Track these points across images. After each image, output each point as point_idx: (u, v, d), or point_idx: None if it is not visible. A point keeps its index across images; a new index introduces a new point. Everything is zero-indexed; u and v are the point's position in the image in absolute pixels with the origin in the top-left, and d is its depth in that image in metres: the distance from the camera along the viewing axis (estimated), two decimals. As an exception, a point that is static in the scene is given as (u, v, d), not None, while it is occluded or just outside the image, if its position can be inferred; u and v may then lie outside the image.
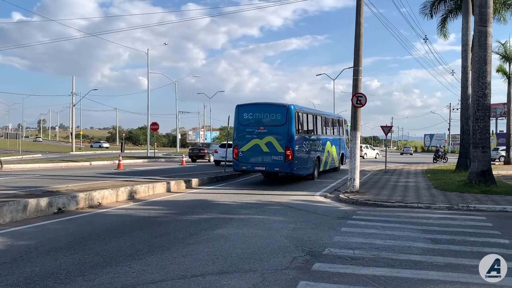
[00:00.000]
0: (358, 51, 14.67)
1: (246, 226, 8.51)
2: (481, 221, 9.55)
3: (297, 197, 13.28)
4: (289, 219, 9.44)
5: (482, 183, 14.55)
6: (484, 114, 14.92)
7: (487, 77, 14.90)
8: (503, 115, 64.88)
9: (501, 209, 10.97)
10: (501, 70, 35.36)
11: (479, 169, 14.92)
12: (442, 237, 7.67)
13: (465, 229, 8.55)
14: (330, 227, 8.60)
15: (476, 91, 15.20)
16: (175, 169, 23.65)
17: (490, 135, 16.28)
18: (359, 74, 14.67)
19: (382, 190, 14.78)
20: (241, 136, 17.10)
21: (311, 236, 7.66)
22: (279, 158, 16.46)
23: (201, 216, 9.63)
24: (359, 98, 14.51)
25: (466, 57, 22.79)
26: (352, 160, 14.60)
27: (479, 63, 15.01)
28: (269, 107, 17.48)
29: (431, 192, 14.16)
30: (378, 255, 6.40)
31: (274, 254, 6.36)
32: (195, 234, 7.68)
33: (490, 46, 15.20)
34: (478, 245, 7.12)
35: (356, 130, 14.69)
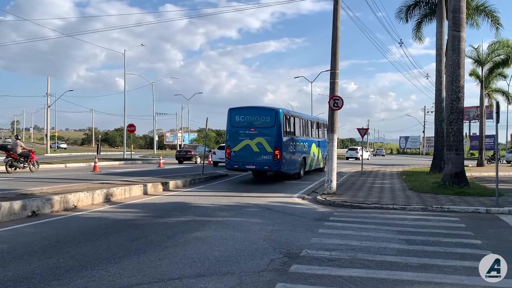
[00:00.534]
0: (335, 54, 14.82)
1: (224, 228, 8.50)
2: (455, 222, 9.74)
3: (275, 199, 13.32)
4: (267, 221, 9.46)
5: (455, 184, 14.85)
6: (458, 117, 15.24)
7: (461, 81, 15.22)
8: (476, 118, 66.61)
9: (474, 210, 11.22)
10: (474, 74, 36.26)
11: (453, 171, 15.23)
12: (416, 238, 7.80)
13: (439, 230, 8.72)
14: (308, 228, 8.65)
15: (450, 95, 15.52)
16: (153, 172, 23.44)
17: (463, 138, 16.63)
18: (336, 77, 14.83)
19: (358, 192, 14.95)
20: (233, 137, 18.40)
21: (288, 237, 7.70)
22: (268, 158, 17.80)
23: (179, 219, 9.57)
24: (336, 101, 14.65)
25: (440, 61, 23.26)
26: (329, 162, 14.72)
27: (453, 67, 15.33)
28: (259, 110, 18.93)
29: (406, 194, 14.39)
30: (355, 256, 6.47)
31: (252, 256, 6.38)
32: (172, 237, 7.63)
33: (463, 51, 15.54)
34: (452, 245, 7.27)
35: (333, 132, 14.83)
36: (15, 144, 21.32)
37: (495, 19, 26.68)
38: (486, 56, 34.70)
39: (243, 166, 18.64)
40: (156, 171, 24.29)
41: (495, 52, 34.13)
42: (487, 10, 26.54)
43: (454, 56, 15.30)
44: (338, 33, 14.92)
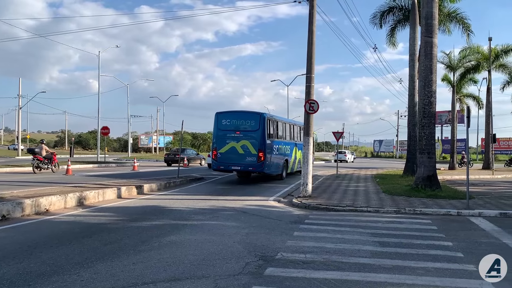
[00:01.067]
0: (310, 59, 14.95)
1: (199, 232, 8.47)
2: (427, 224, 9.94)
3: (251, 202, 13.33)
4: (243, 224, 9.46)
5: (428, 187, 15.16)
6: (430, 122, 15.57)
7: (433, 86, 15.57)
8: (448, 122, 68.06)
9: (445, 213, 11.46)
10: (446, 79, 37.12)
11: (425, 174, 15.54)
12: (390, 240, 7.93)
13: (412, 232, 8.88)
14: (283, 231, 8.69)
15: (422, 99, 15.85)
16: (127, 175, 23.17)
17: (435, 142, 16.99)
18: (312, 81, 14.95)
19: (333, 195, 15.10)
20: (219, 139, 19.51)
21: (264, 241, 7.72)
22: (252, 159, 18.89)
23: (153, 223, 9.49)
24: (311, 105, 14.78)
25: (413, 66, 23.75)
26: (305, 165, 14.82)
27: (425, 72, 15.66)
28: (244, 115, 20.00)
29: (380, 197, 14.61)
30: (329, 258, 6.54)
31: (227, 260, 6.37)
32: (146, 241, 7.56)
33: (435, 56, 15.90)
34: (424, 247, 7.41)
35: (309, 135, 14.94)
36: (40, 148, 23.89)
37: (466, 26, 27.42)
38: (457, 61, 35.58)
39: (228, 167, 19.58)
40: (130, 174, 24.02)
41: (466, 58, 35.05)
42: (459, 17, 27.26)
43: (426, 62, 15.63)
44: (314, 38, 15.06)
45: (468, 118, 12.10)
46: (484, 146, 39.48)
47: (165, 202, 13.04)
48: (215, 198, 14.12)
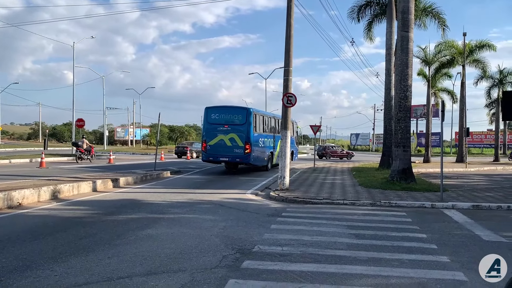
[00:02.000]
0: (288, 52, 14.97)
1: (176, 225, 8.43)
2: (402, 216, 10.11)
3: (229, 195, 13.33)
4: (220, 217, 9.46)
5: (403, 180, 15.41)
6: (405, 115, 15.80)
7: (408, 80, 15.78)
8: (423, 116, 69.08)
9: (419, 205, 11.68)
10: (422, 73, 37.64)
11: (400, 167, 15.79)
12: (365, 233, 8.03)
13: (387, 224, 9.02)
14: (260, 224, 8.72)
15: (398, 93, 16.06)
16: (103, 168, 22.87)
17: (410, 135, 17.25)
18: (290, 74, 14.99)
19: (310, 188, 15.21)
20: (209, 133, 20.86)
21: (241, 234, 7.73)
22: (239, 151, 20.31)
23: (129, 216, 9.41)
24: (289, 98, 14.81)
25: (389, 60, 24.00)
26: (282, 158, 14.87)
27: (401, 67, 15.87)
28: (232, 109, 21.52)
29: (356, 189, 14.78)
30: (306, 251, 6.59)
31: (204, 253, 6.36)
32: (122, 234, 7.49)
33: (411, 51, 16.11)
34: (399, 239, 7.54)
35: (286, 129, 14.99)
36: (82, 142, 28.49)
37: (442, 21, 27.85)
38: (433, 56, 36.13)
39: (217, 158, 21.01)
40: (106, 167, 23.71)
41: (441, 53, 35.61)
42: (434, 12, 27.67)
43: (402, 56, 15.84)
44: (292, 31, 15.07)
45: (443, 112, 12.32)
46: (458, 140, 40.28)
47: (142, 196, 12.93)
48: (192, 192, 14.07)
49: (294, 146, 29.16)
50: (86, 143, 28.66)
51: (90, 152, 28.74)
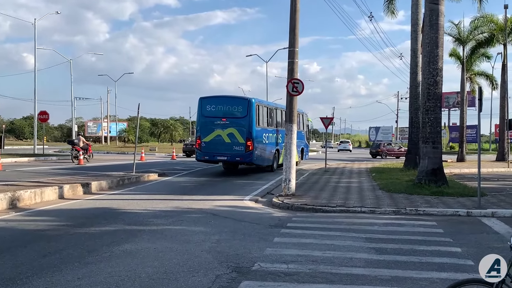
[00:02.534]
0: (294, 29, 14.95)
1: (160, 239, 8.44)
2: (431, 227, 10.13)
3: (223, 203, 13.35)
4: (213, 229, 9.47)
5: (432, 183, 15.41)
6: (435, 105, 15.80)
7: (439, 62, 15.78)
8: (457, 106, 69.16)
9: (453, 213, 11.69)
10: (455, 54, 37.56)
11: (429, 167, 15.79)
12: (387, 247, 8.04)
13: (414, 236, 9.03)
14: (261, 237, 8.73)
15: (426, 78, 16.05)
16: (71, 170, 22.87)
17: (441, 129, 17.26)
18: (295, 56, 14.97)
19: (321, 193, 15.23)
20: (204, 127, 21.32)
21: (238, 249, 7.74)
22: (240, 149, 20.61)
23: (103, 229, 9.41)
24: (295, 85, 14.80)
25: (416, 39, 24.00)
26: (287, 158, 14.88)
27: (430, 46, 15.85)
28: (231, 100, 22.09)
29: (376, 194, 14.80)
30: (316, 269, 6.60)
31: (194, 272, 6.37)
32: (95, 250, 7.49)
33: (442, 27, 16.10)
34: (428, 254, 7.55)
35: (292, 122, 14.98)
36: (78, 139, 30.23)
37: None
38: (468, 33, 36.04)
39: (214, 158, 21.52)
40: (75, 169, 23.72)
41: (478, 29, 35.49)
42: (469, -20, 27.60)
43: (431, 33, 15.82)
44: (298, 4, 15.06)
45: (480, 101, 12.30)
46: (499, 134, 40.24)
47: (119, 203, 12.94)
48: (179, 198, 14.09)
49: (304, 143, 29.84)
50: (82, 141, 30.42)
51: (88, 150, 30.60)
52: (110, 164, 28.69)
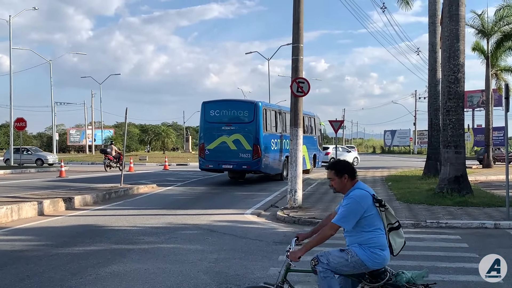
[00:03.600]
0: (298, 23, 14.99)
1: (151, 259, 8.45)
2: (455, 241, 10.13)
3: (221, 217, 13.38)
4: (210, 247, 9.49)
5: (455, 192, 15.39)
6: (457, 105, 15.79)
7: (460, 57, 15.78)
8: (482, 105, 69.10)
9: (478, 225, 11.69)
10: (478, 48, 37.45)
11: (452, 174, 15.77)
12: (406, 264, 7.99)
13: (435, 252, 9.03)
14: (264, 255, 8.75)
15: (446, 75, 16.06)
16: (52, 183, 22.90)
17: (464, 131, 17.25)
18: (300, 52, 15.01)
19: (331, 204, 15.20)
20: (207, 133, 22.19)
21: (239, 269, 7.75)
22: (246, 156, 21.29)
23: (88, 248, 9.43)
24: (300, 85, 14.83)
25: (434, 32, 24.02)
26: (292, 166, 14.88)
27: (450, 40, 15.87)
28: (236, 104, 23.07)
29: (393, 205, 14.74)
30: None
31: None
32: (78, 273, 7.50)
33: (463, 18, 16.12)
34: (451, 272, 7.56)
35: (297, 126, 15.00)
36: (111, 149, 34.24)
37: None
38: (492, 25, 35.98)
39: (219, 166, 22.18)
40: (56, 182, 23.74)
41: (503, 20, 35.41)
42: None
43: (451, 25, 15.84)
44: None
45: (507, 100, 12.29)
46: (529, 136, 40.21)
47: (105, 220, 12.97)
48: (173, 213, 14.11)
49: (316, 148, 31.09)
50: (115, 150, 34.29)
51: (119, 159, 32.64)
52: (95, 176, 28.72)
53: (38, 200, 14.52)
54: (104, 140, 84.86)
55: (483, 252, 8.92)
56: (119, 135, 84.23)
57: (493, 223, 11.74)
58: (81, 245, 9.70)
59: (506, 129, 12.39)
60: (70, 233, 11.12)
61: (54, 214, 13.98)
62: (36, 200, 14.52)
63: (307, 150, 28.21)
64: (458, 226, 11.67)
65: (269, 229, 11.81)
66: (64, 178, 26.57)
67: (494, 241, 10.13)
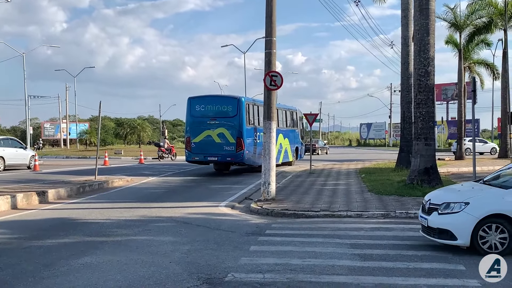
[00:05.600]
0: (270, 16, 15.11)
1: (124, 251, 8.57)
2: (422, 230, 10.39)
3: (196, 210, 13.49)
4: (183, 239, 9.63)
5: (425, 183, 15.70)
6: (427, 97, 16.08)
7: (430, 51, 16.06)
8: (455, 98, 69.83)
9: (446, 215, 11.96)
10: (452, 41, 37.91)
11: (422, 166, 16.08)
12: (373, 252, 8.28)
13: (403, 241, 9.30)
14: (236, 246, 8.91)
15: (417, 69, 16.35)
16: (25, 177, 22.76)
17: (434, 124, 17.56)
18: (273, 46, 15.14)
19: (304, 196, 15.44)
20: (193, 127, 23.53)
21: (210, 259, 7.91)
22: (230, 149, 22.49)
23: (61, 241, 9.50)
24: (273, 78, 14.98)
25: (406, 25, 24.35)
26: (266, 159, 15.03)
27: (420, 33, 16.15)
28: (220, 99, 24.79)
29: (364, 197, 15.06)
30: (294, 278, 6.80)
31: (160, 285, 6.52)
32: (51, 264, 7.60)
33: (433, 12, 16.40)
34: (417, 260, 7.81)
35: (270, 119, 15.15)
36: (163, 142, 40.65)
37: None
38: (465, 18, 36.47)
39: (204, 158, 23.49)
40: (30, 176, 23.60)
41: (475, 14, 35.92)
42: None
43: (421, 19, 16.11)
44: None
45: (474, 92, 12.65)
46: (501, 129, 40.77)
47: (79, 213, 13.01)
48: (147, 206, 14.17)
49: (298, 141, 32.44)
50: (167, 143, 41.31)
51: (171, 151, 39.95)
52: (70, 169, 28.54)
53: (11, 193, 14.48)
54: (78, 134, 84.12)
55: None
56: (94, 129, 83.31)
57: (460, 213, 12.04)
58: (54, 237, 9.77)
59: (473, 120, 12.75)
60: (43, 226, 11.17)
61: (27, 208, 13.96)
62: (9, 193, 14.47)
63: (290, 143, 29.76)
64: (427, 216, 11.96)
65: (242, 220, 11.97)
66: (38, 172, 26.41)
67: (460, 230, 10.38)
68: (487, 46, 40.34)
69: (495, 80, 43.30)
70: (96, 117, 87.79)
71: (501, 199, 8.23)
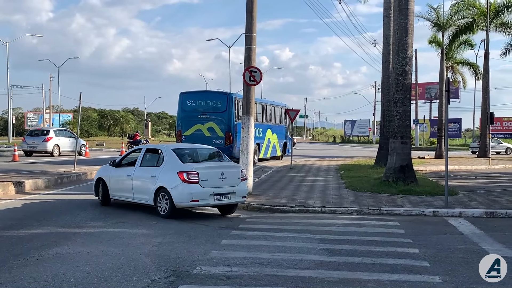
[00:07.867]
0: (251, 12, 15.20)
1: (95, 242, 8.64)
2: (393, 227, 10.59)
3: (171, 203, 13.54)
4: (156, 231, 9.73)
5: (400, 181, 15.88)
6: (404, 96, 16.26)
7: (408, 51, 16.23)
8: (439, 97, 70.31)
9: (418, 213, 12.20)
10: (435, 41, 38.19)
11: (398, 164, 16.26)
12: (342, 248, 8.41)
13: (372, 237, 9.45)
14: (208, 239, 9.02)
15: (395, 68, 16.54)
16: (4, 167, 22.65)
17: (410, 122, 17.76)
18: (253, 42, 15.22)
19: (282, 192, 15.56)
20: (184, 121, 24.50)
21: (180, 252, 8.00)
22: (219, 142, 22.96)
23: (34, 231, 9.56)
24: (252, 74, 15.05)
25: (388, 24, 24.46)
26: (244, 153, 15.13)
27: (399, 33, 16.31)
28: (211, 95, 26.01)
29: (341, 193, 15.22)
30: (261, 271, 6.90)
31: (128, 277, 6.59)
32: (21, 254, 7.66)
33: (412, 12, 16.56)
34: (383, 256, 7.96)
35: (249, 114, 15.20)
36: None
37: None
38: (448, 18, 36.77)
39: None
40: (8, 166, 23.49)
41: (458, 14, 36.22)
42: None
43: (400, 19, 16.27)
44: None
45: (448, 93, 12.79)
46: (481, 128, 41.13)
47: (54, 204, 13.13)
48: (123, 198, 14.20)
49: (288, 137, 33.55)
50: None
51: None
52: (50, 160, 28.45)
53: (-12, 183, 14.48)
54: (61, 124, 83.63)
55: (418, 238, 9.45)
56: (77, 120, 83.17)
57: (432, 210, 12.25)
58: (28, 228, 9.82)
59: (446, 120, 12.89)
60: (18, 216, 11.19)
61: (3, 198, 13.92)
62: (-15, 183, 14.47)
63: (278, 138, 31.12)
64: (399, 213, 12.15)
65: (216, 214, 12.05)
66: (17, 163, 26.28)
67: (430, 228, 10.56)
68: (470, 46, 40.70)
69: (478, 80, 43.67)
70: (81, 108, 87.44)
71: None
